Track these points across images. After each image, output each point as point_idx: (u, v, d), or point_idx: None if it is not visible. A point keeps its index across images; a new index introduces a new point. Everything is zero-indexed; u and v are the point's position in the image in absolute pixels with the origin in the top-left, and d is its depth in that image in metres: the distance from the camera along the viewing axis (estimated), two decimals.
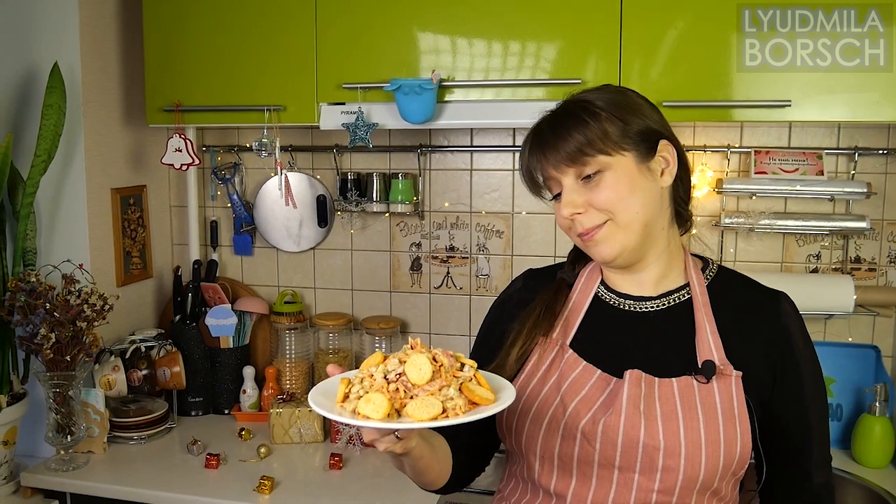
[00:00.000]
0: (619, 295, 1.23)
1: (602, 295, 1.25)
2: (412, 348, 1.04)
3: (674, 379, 1.13)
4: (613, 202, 1.12)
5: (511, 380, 1.16)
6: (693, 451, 1.08)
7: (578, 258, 1.29)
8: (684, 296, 1.21)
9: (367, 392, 1.00)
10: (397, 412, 0.99)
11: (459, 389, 1.00)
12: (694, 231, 2.17)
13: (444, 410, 0.98)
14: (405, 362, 1.01)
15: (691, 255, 1.26)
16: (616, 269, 1.21)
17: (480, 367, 1.08)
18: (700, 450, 1.08)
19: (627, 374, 1.14)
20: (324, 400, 1.04)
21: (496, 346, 1.24)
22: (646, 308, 1.21)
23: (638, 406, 1.11)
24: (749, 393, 1.13)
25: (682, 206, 1.22)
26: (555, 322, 1.23)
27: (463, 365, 1.04)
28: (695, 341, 1.16)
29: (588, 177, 1.12)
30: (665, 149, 1.16)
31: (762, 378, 1.15)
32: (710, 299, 1.19)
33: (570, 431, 1.14)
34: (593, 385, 1.16)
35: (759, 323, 1.18)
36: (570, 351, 1.20)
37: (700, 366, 1.13)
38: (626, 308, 1.22)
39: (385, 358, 1.04)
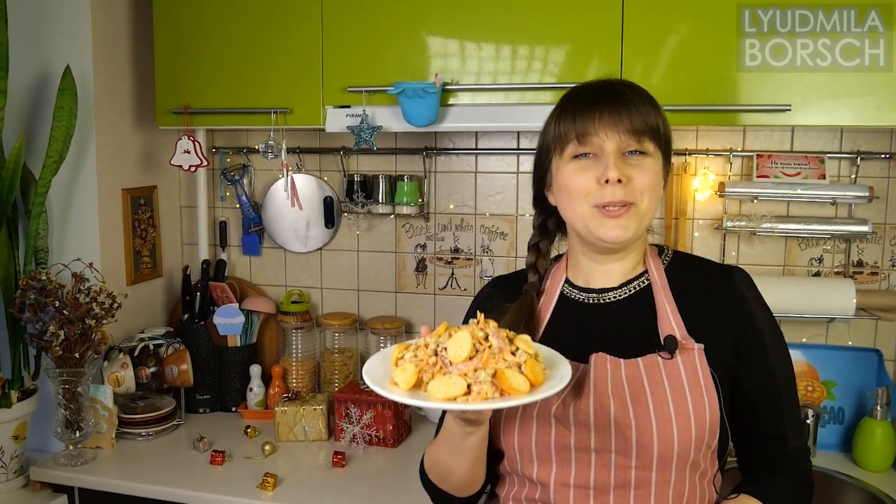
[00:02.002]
0: (583, 290, 1.28)
1: (567, 293, 1.29)
2: (477, 323, 1.05)
3: (639, 359, 1.17)
4: (650, 188, 1.17)
5: None
6: (664, 425, 1.12)
7: (538, 262, 1.32)
8: (644, 282, 1.25)
9: (412, 361, 1.03)
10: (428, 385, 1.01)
11: (494, 374, 0.99)
12: (696, 234, 2.18)
13: (469, 393, 0.98)
14: (452, 337, 1.02)
15: (649, 244, 1.30)
16: (602, 253, 1.24)
17: None
18: (671, 424, 1.12)
19: (592, 358, 1.18)
20: (378, 363, 1.09)
21: None
22: (609, 298, 1.25)
23: (606, 388, 1.15)
24: (713, 365, 1.16)
25: None
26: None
27: (518, 349, 1.03)
28: (657, 322, 1.20)
29: (633, 153, 1.16)
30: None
31: (725, 349, 1.19)
32: (669, 282, 1.24)
33: (544, 418, 1.18)
34: None
35: (715, 297, 1.22)
36: None
37: (662, 342, 1.17)
38: (590, 301, 1.26)
39: (447, 329, 1.05)
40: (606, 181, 1.14)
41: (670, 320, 1.20)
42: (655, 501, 1.15)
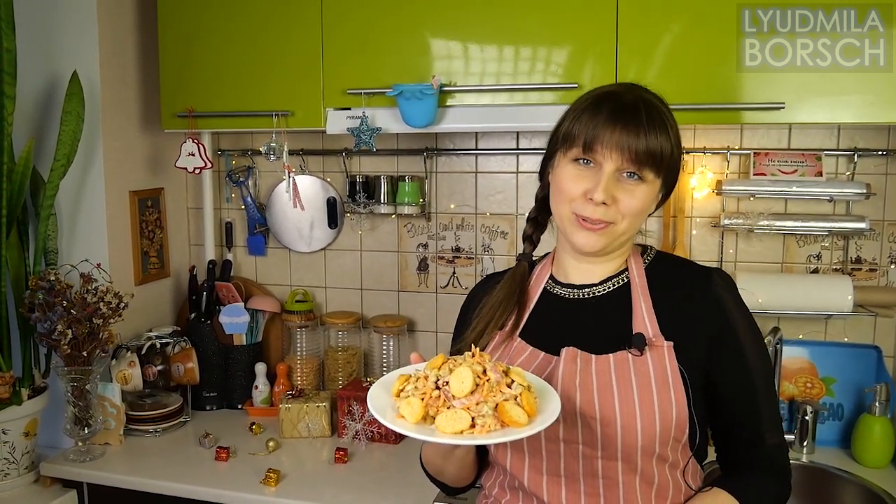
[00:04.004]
0: (565, 286, 1.31)
1: (550, 288, 1.32)
2: (472, 356, 1.09)
3: (610, 354, 1.20)
4: (634, 213, 1.19)
5: None
6: (628, 419, 1.15)
7: (535, 232, 1.37)
8: (623, 279, 1.28)
9: (414, 395, 1.08)
10: (433, 418, 1.06)
11: (495, 408, 1.04)
12: (694, 231, 2.20)
13: (474, 426, 1.03)
14: (453, 372, 1.06)
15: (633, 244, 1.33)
16: (581, 255, 1.27)
17: None
18: (634, 418, 1.15)
19: (563, 352, 1.21)
20: (381, 392, 1.13)
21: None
22: (588, 294, 1.28)
23: (574, 381, 1.18)
24: (683, 362, 1.18)
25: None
26: (520, 306, 1.30)
27: (513, 382, 1.08)
28: (631, 319, 1.23)
29: (630, 176, 1.17)
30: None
31: (697, 348, 1.21)
32: (648, 280, 1.26)
33: None
34: (537, 366, 1.23)
35: (691, 297, 1.24)
36: (519, 339, 1.28)
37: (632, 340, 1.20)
38: (571, 296, 1.29)
39: (444, 362, 1.10)
40: (592, 198, 1.17)
41: (644, 318, 1.22)
42: (624, 490, 1.18)
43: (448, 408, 1.04)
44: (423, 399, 1.07)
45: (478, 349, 1.11)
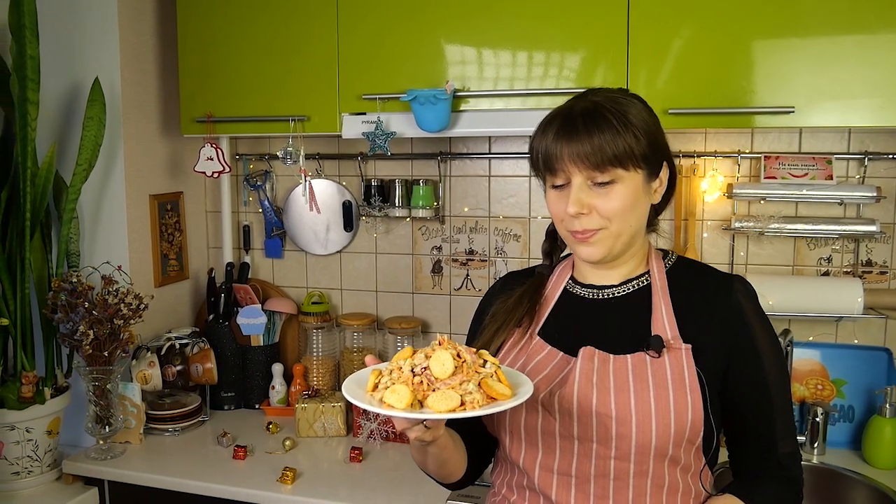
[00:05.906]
0: (586, 286, 1.33)
1: (571, 288, 1.35)
2: (440, 344, 1.12)
3: (628, 355, 1.22)
4: (617, 213, 1.21)
5: None
6: (643, 418, 1.16)
7: (553, 249, 1.39)
8: (644, 281, 1.30)
9: (394, 383, 1.09)
10: (420, 403, 1.08)
11: (479, 385, 1.08)
12: (705, 234, 2.21)
13: (463, 403, 1.06)
14: (431, 357, 1.09)
15: (654, 248, 1.34)
16: (592, 264, 1.30)
17: None
18: (650, 417, 1.16)
19: (581, 351, 1.23)
20: (356, 389, 1.14)
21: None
22: (608, 294, 1.31)
23: (591, 379, 1.20)
24: (701, 366, 1.20)
25: (653, 215, 1.32)
26: (531, 312, 1.33)
27: (485, 362, 1.12)
28: (650, 321, 1.24)
29: (600, 183, 1.20)
30: (664, 171, 1.27)
31: (716, 353, 1.22)
32: (669, 283, 1.28)
33: (532, 405, 1.24)
34: (555, 365, 1.25)
35: (712, 302, 1.26)
36: (538, 338, 1.30)
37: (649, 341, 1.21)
38: (591, 297, 1.32)
39: (414, 352, 1.13)
40: (568, 212, 1.21)
41: (664, 320, 1.24)
42: (633, 492, 1.19)
43: (434, 391, 1.07)
44: (408, 386, 1.09)
45: (445, 337, 1.13)
